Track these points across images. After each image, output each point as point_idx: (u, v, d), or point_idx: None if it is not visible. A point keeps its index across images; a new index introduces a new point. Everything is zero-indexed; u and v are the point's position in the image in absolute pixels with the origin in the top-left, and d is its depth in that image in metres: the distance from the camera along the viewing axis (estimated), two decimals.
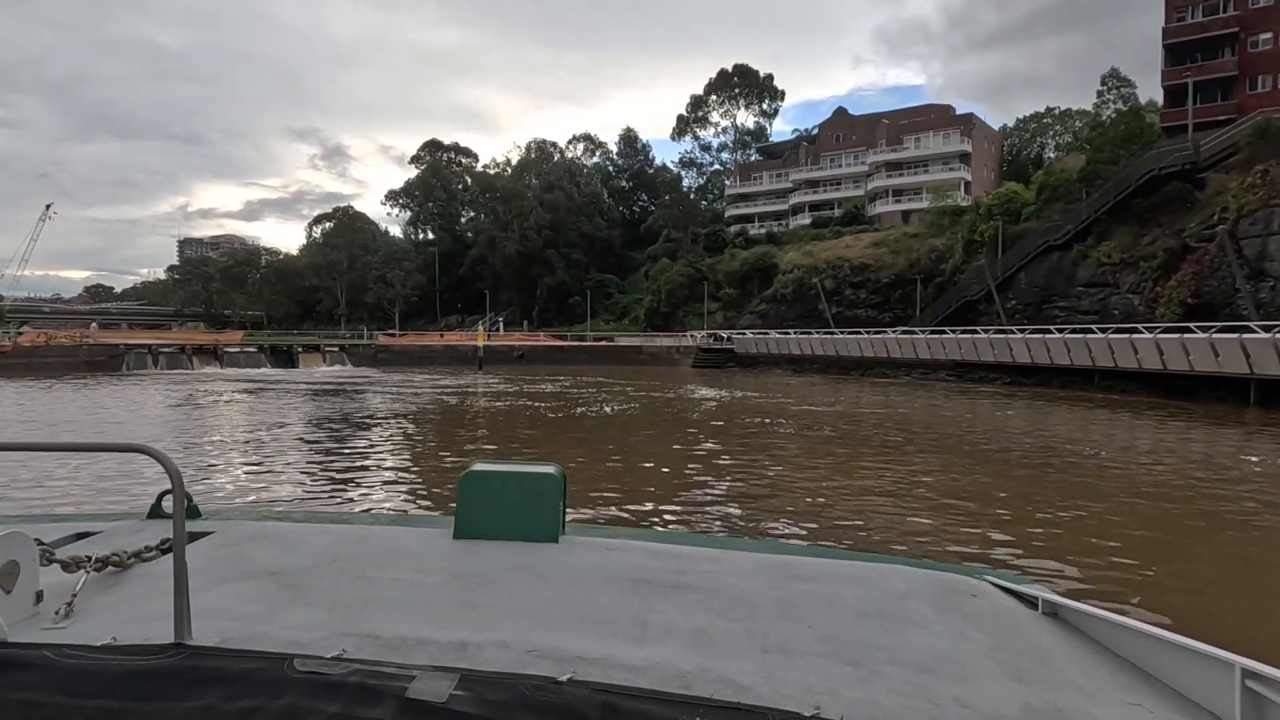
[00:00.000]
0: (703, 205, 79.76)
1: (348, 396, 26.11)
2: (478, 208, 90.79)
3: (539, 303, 77.14)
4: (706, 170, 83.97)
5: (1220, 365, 23.55)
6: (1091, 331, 29.73)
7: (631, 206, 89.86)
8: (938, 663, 1.45)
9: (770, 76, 79.10)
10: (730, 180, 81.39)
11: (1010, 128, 71.60)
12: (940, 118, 65.77)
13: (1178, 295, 29.74)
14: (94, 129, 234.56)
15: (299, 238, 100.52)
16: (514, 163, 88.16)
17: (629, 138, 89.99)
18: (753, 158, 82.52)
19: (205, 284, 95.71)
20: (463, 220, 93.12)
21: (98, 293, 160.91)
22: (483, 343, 49.93)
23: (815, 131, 77.28)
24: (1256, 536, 8.27)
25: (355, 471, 11.57)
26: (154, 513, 2.39)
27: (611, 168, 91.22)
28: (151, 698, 1.12)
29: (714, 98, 79.74)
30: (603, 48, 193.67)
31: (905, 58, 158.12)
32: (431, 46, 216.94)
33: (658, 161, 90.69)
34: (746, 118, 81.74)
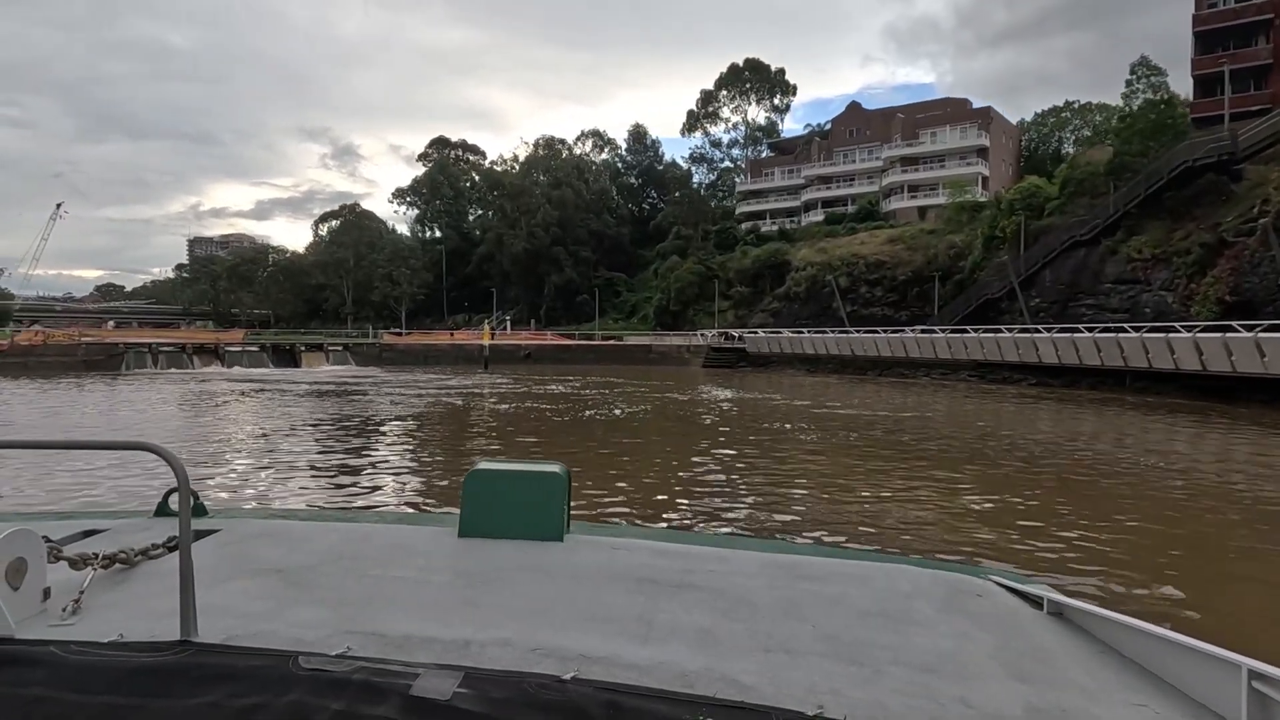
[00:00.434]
0: (712, 204, 78.45)
1: (346, 399, 25.09)
2: (485, 205, 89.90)
3: (546, 301, 76.14)
4: (717, 166, 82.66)
5: (1266, 366, 22.22)
6: (1123, 330, 28.39)
7: (640, 204, 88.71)
8: (942, 663, 1.43)
9: (782, 71, 77.79)
10: (741, 178, 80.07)
11: (1028, 122, 69.94)
12: (956, 111, 64.26)
13: (1215, 292, 28.33)
14: (105, 129, 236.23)
15: (309, 237, 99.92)
16: (521, 159, 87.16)
17: (638, 134, 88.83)
18: (764, 154, 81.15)
19: (213, 283, 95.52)
20: (470, 218, 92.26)
21: (108, 292, 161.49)
22: (488, 342, 48.90)
23: (828, 127, 75.88)
24: None
25: (347, 491, 10.51)
26: (160, 510, 2.38)
27: (620, 164, 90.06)
28: (158, 694, 1.14)
29: (724, 93, 78.44)
30: (609, 47, 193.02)
31: (915, 56, 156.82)
32: (439, 46, 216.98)
33: (667, 158, 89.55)
34: (758, 113, 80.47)
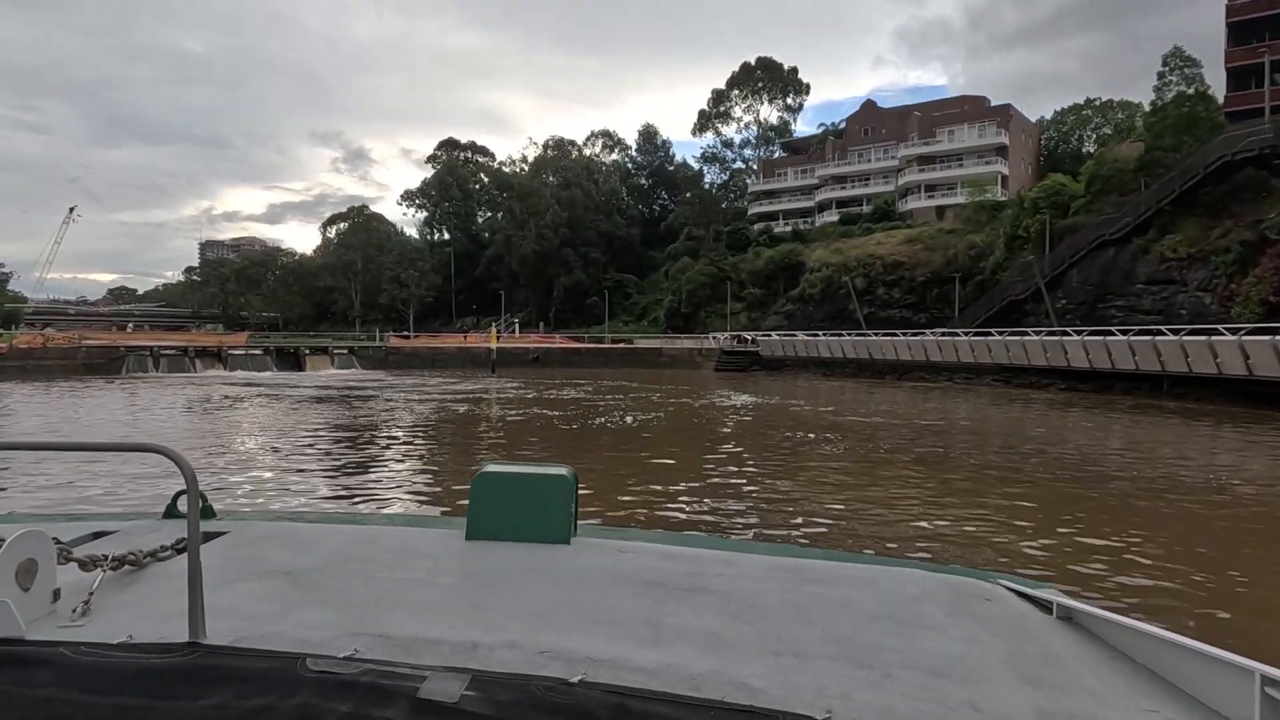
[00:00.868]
0: (723, 205, 77.20)
1: (345, 404, 24.06)
2: (494, 207, 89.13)
3: (555, 303, 75.14)
4: (729, 166, 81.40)
5: None
6: (1160, 333, 26.99)
7: (651, 204, 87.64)
8: (951, 667, 1.42)
9: (795, 70, 76.45)
10: (752, 179, 78.79)
11: (1047, 120, 68.36)
12: (974, 109, 62.81)
13: (1257, 293, 26.90)
14: (121, 133, 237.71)
15: (319, 240, 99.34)
16: (530, 160, 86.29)
17: (648, 133, 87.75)
18: (776, 154, 79.87)
19: (222, 285, 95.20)
20: (479, 220, 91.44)
21: (121, 295, 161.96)
22: (496, 345, 47.87)
23: (842, 126, 74.53)
24: None
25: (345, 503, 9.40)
26: (169, 512, 2.37)
27: (630, 165, 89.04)
28: (166, 696, 1.14)
29: (736, 92, 77.19)
30: (621, 52, 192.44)
31: (926, 58, 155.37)
32: (451, 50, 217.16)
33: (678, 159, 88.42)
34: (770, 113, 79.13)
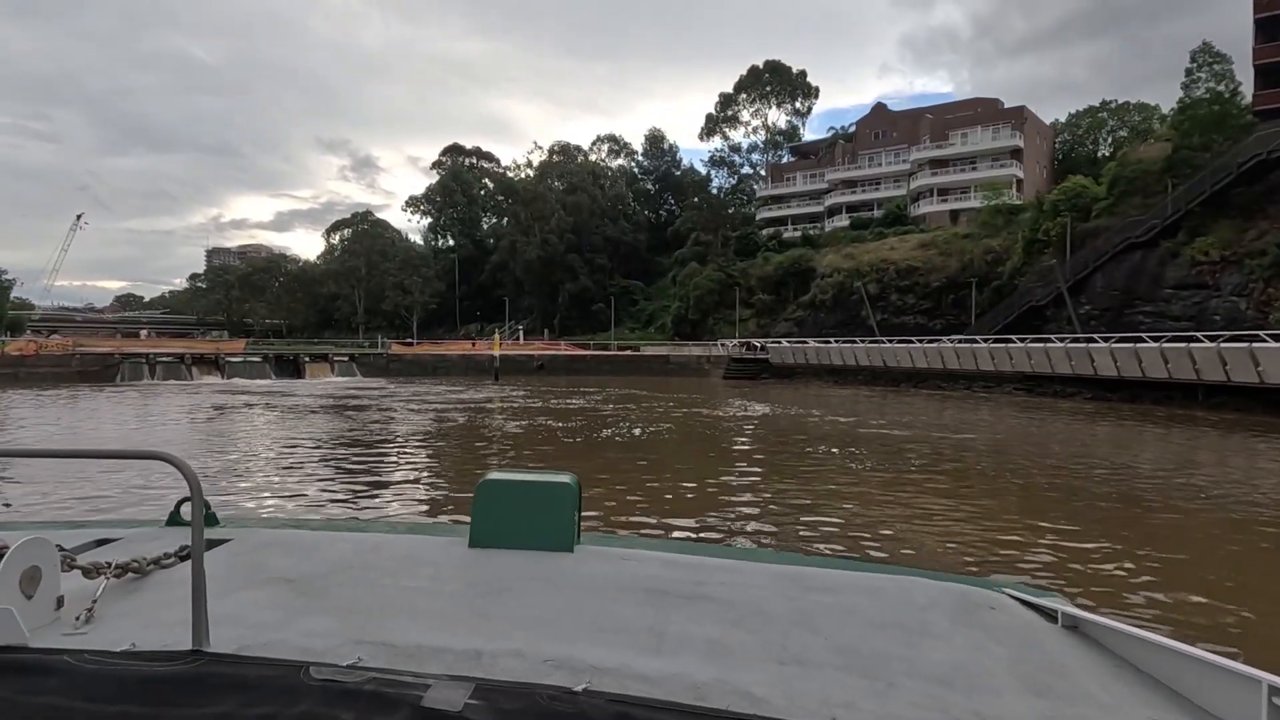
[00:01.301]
0: (730, 211, 76.07)
1: (340, 415, 22.95)
2: (499, 212, 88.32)
3: (561, 310, 74.10)
4: (738, 170, 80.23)
5: None
6: (1193, 339, 25.66)
7: (658, 210, 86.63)
8: (956, 675, 1.41)
9: (804, 73, 75.16)
10: (759, 185, 77.60)
11: (1061, 123, 67.09)
12: (988, 112, 61.59)
13: None
14: (129, 142, 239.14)
15: (325, 247, 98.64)
16: (535, 164, 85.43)
17: (655, 138, 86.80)
18: (785, 159, 78.72)
19: (226, 292, 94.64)
20: (484, 226, 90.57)
21: (128, 302, 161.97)
22: (499, 352, 46.75)
23: (852, 129, 73.37)
24: None
25: None
26: (172, 520, 2.36)
27: (637, 169, 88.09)
28: (170, 704, 1.14)
29: (744, 95, 76.04)
30: (628, 59, 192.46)
31: (933, 66, 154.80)
32: (458, 58, 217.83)
33: (685, 163, 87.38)
34: (778, 116, 77.94)
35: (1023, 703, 1.32)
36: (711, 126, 77.62)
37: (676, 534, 8.29)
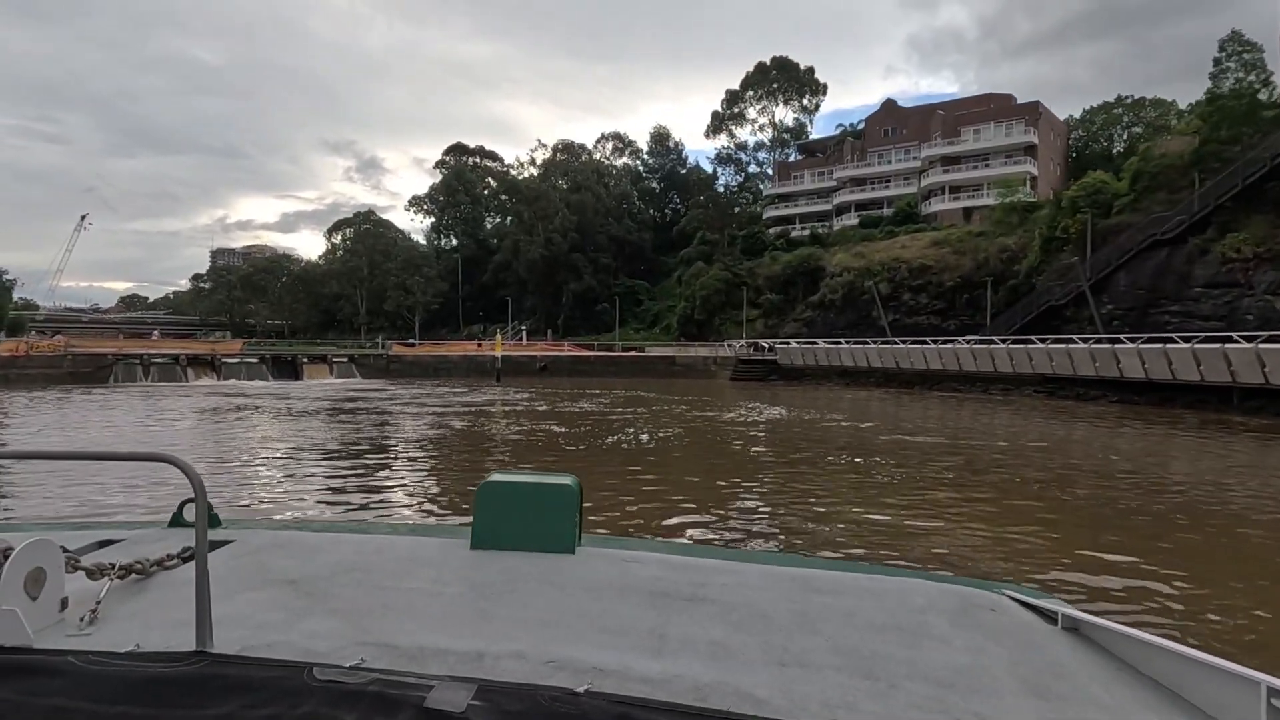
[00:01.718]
0: (736, 210, 74.91)
1: (329, 418, 21.89)
2: (502, 212, 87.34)
3: (564, 310, 73.05)
4: (744, 168, 79.08)
5: None
6: (1228, 340, 24.44)
7: (663, 208, 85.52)
8: (957, 677, 1.41)
9: (811, 70, 74.13)
10: (766, 184, 76.41)
11: (1076, 119, 65.79)
12: (1001, 107, 60.33)
13: None
14: (136, 144, 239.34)
15: (326, 246, 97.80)
16: (539, 162, 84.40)
17: (660, 135, 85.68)
18: (792, 158, 77.52)
19: (229, 293, 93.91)
20: (487, 225, 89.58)
21: (132, 303, 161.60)
22: (501, 353, 45.68)
23: (861, 126, 72.14)
24: None
25: None
26: (175, 521, 2.35)
27: (642, 168, 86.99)
28: (174, 705, 1.15)
29: (751, 93, 74.94)
30: (632, 61, 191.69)
31: (938, 66, 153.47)
32: (462, 59, 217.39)
33: (690, 162, 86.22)
34: (785, 114, 76.81)
35: (1023, 704, 1.32)
36: (718, 124, 76.57)
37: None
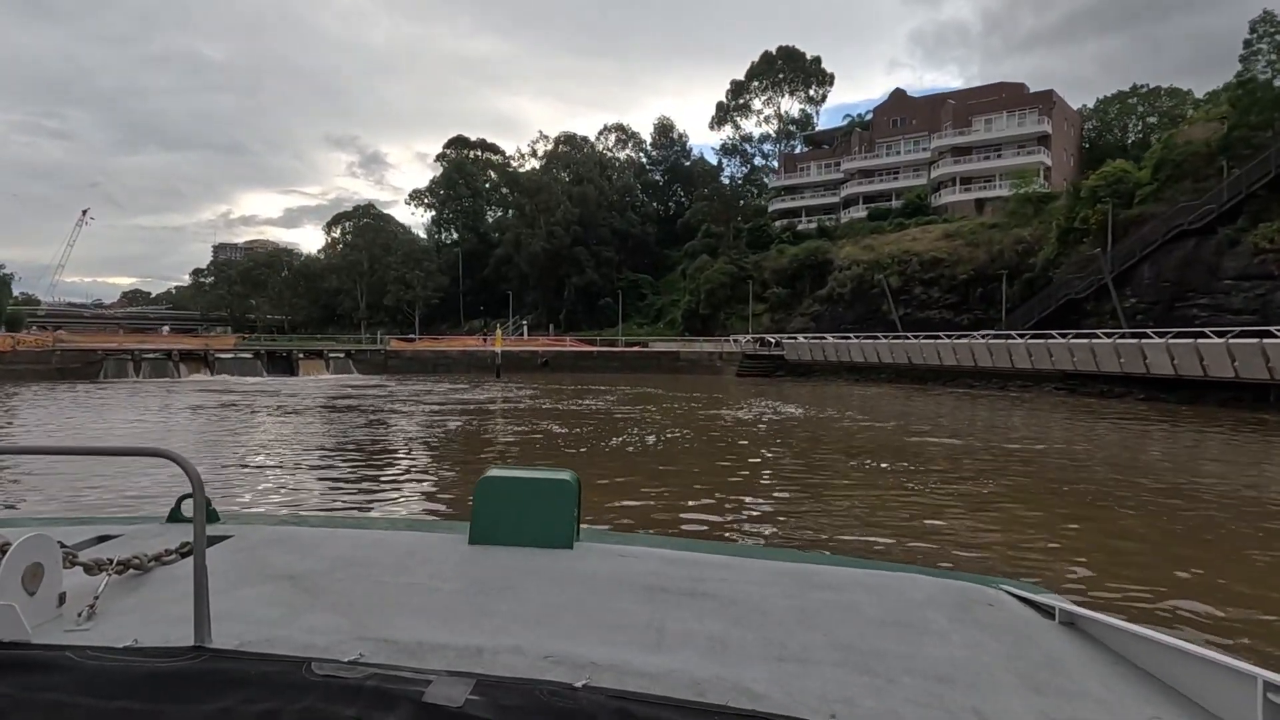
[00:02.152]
0: (741, 202, 73.58)
1: (321, 415, 20.78)
2: (504, 205, 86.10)
3: (567, 304, 71.88)
4: (750, 160, 77.66)
5: None
6: (1267, 335, 23.21)
7: (667, 201, 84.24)
8: (955, 672, 1.42)
9: (818, 59, 72.71)
10: (771, 176, 75.01)
11: (1090, 109, 64.34)
12: (1013, 97, 58.87)
13: None
14: (141, 140, 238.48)
15: (325, 240, 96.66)
16: (540, 154, 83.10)
17: (664, 127, 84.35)
18: (798, 149, 76.12)
19: (229, 287, 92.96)
20: (488, 219, 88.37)
21: (134, 298, 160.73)
22: (501, 349, 44.54)
23: (869, 117, 70.73)
24: None
25: None
26: (173, 516, 2.34)
27: (645, 160, 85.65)
28: (173, 700, 1.15)
29: (756, 83, 73.53)
30: (636, 57, 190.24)
31: (942, 61, 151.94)
32: (466, 55, 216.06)
33: (695, 154, 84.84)
34: (791, 105, 75.39)
35: (1021, 699, 1.32)
36: (723, 115, 75.22)
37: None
